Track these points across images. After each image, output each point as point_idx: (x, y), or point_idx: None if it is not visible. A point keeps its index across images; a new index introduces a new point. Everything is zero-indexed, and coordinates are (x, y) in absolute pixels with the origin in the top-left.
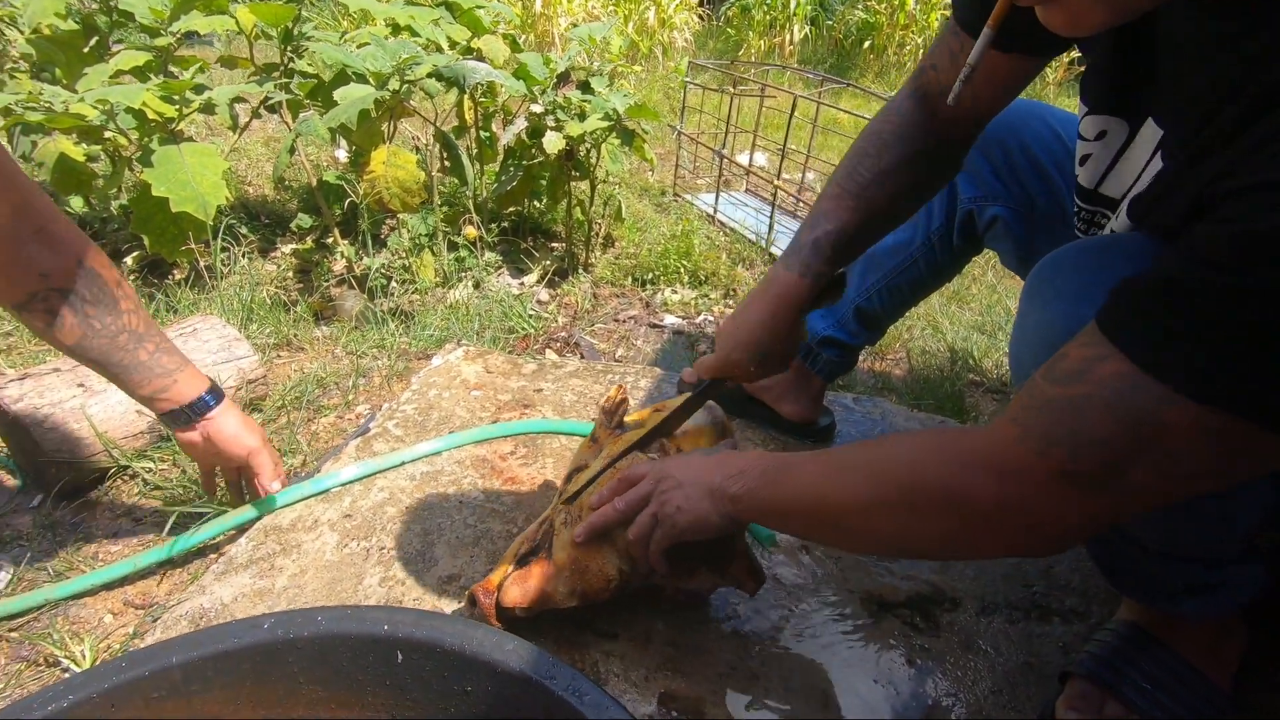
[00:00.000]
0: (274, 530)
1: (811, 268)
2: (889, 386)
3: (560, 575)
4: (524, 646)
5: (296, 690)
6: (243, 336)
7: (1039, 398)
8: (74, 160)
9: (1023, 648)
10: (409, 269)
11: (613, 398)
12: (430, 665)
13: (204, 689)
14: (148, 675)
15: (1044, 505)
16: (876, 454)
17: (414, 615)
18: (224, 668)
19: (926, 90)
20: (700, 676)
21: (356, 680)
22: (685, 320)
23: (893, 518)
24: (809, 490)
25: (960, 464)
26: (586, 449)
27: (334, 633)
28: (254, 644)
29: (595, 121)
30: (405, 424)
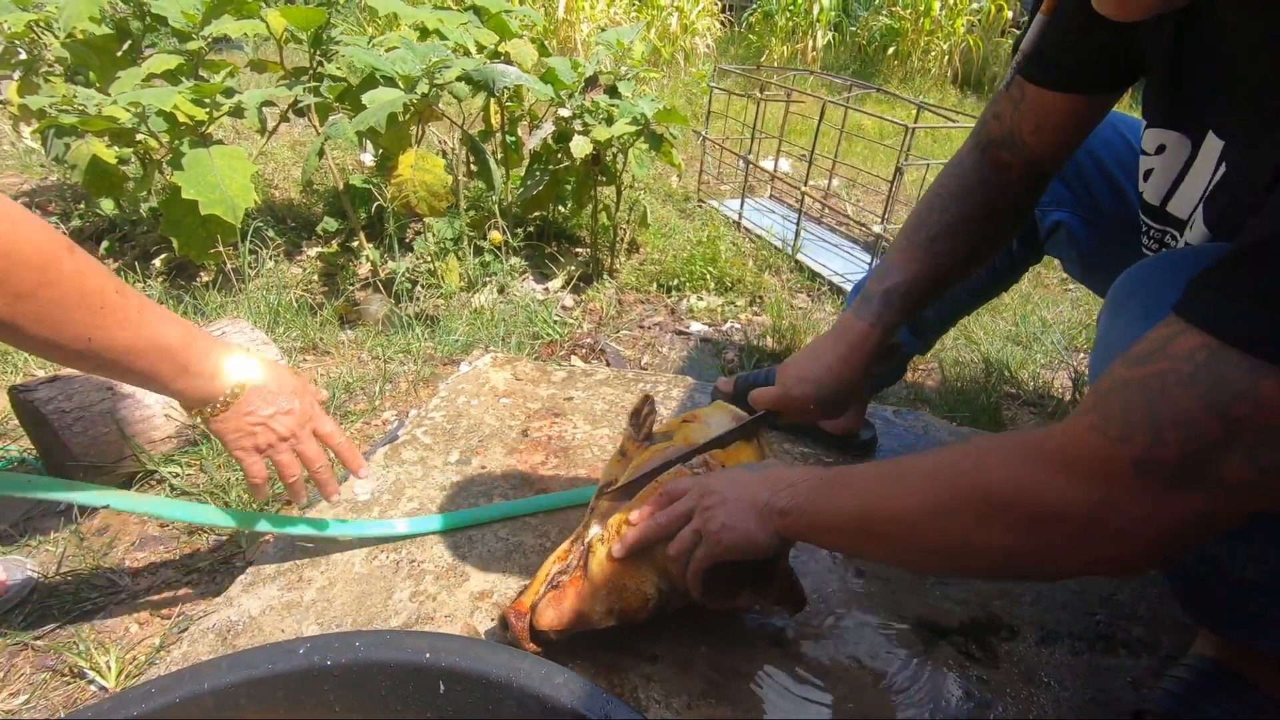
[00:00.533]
0: (302, 540)
1: (882, 318)
2: (922, 398)
3: (597, 594)
4: (575, 681)
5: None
6: (270, 340)
7: (1114, 382)
8: (106, 163)
9: (1088, 681)
10: (434, 273)
11: (639, 407)
12: (474, 697)
13: (236, 716)
14: (178, 702)
15: (1126, 505)
16: (938, 459)
17: (458, 643)
18: (257, 694)
19: (990, 141)
20: (746, 705)
21: (395, 710)
22: (711, 327)
23: (954, 526)
24: (863, 500)
25: (1029, 461)
26: (616, 464)
27: (373, 660)
28: (288, 670)
29: (623, 126)
30: (434, 432)
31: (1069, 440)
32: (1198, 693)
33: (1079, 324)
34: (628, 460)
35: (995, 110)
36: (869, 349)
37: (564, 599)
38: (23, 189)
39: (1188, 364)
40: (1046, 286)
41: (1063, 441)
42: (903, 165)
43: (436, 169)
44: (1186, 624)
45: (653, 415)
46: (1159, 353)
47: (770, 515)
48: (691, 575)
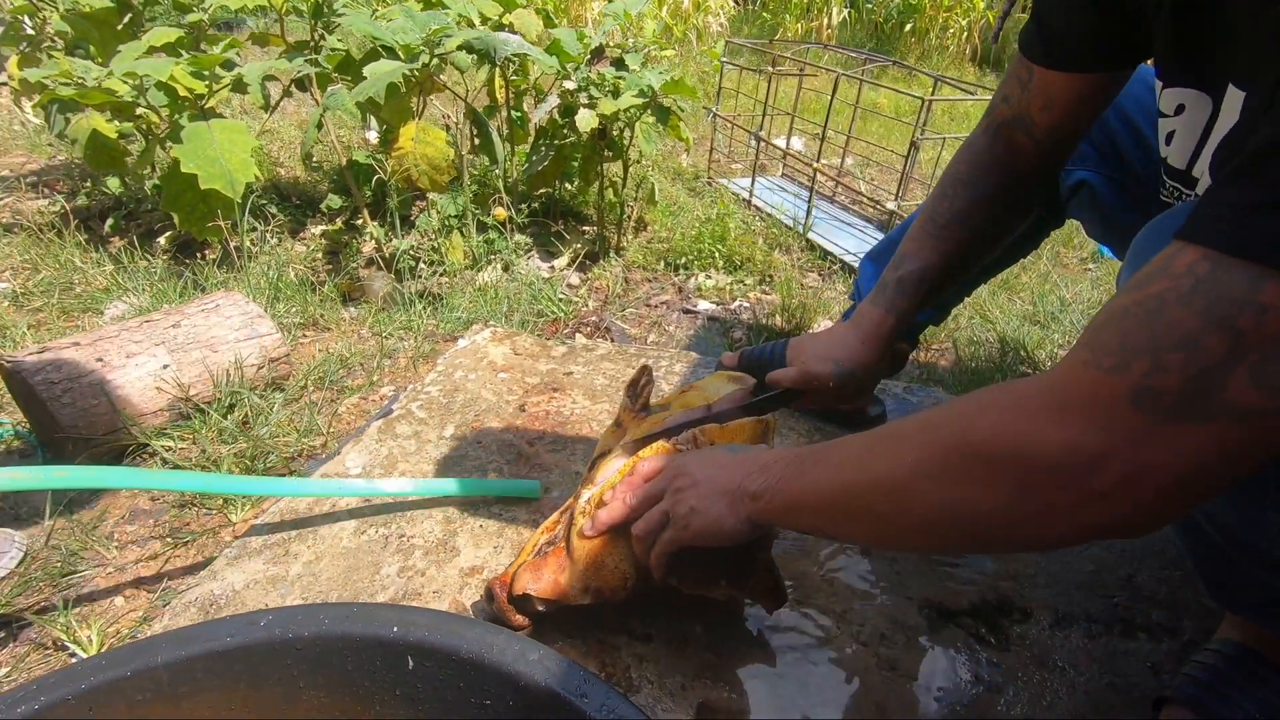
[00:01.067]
0: (290, 514)
1: (896, 305)
2: (935, 378)
3: (575, 569)
4: (551, 657)
5: (296, 695)
6: (266, 314)
7: (1110, 312)
8: (106, 137)
9: (1105, 666)
10: (438, 251)
11: (636, 377)
12: (445, 674)
13: (193, 691)
14: (130, 675)
15: (1126, 447)
16: (922, 418)
17: (429, 616)
18: (215, 668)
19: (1001, 123)
20: (742, 686)
21: (363, 686)
22: (719, 306)
23: (939, 489)
24: (841, 472)
25: (1017, 408)
26: (611, 435)
27: (338, 634)
28: (249, 643)
29: (630, 99)
30: (430, 406)
31: (1060, 381)
32: (1225, 680)
33: (1098, 303)
34: (622, 431)
35: (1004, 93)
36: (885, 334)
37: (543, 568)
38: (29, 168)
39: (1187, 279)
40: (1065, 266)
41: (1053, 383)
42: (918, 140)
43: (438, 142)
44: (1211, 608)
45: (650, 386)
46: (1157, 274)
47: (742, 499)
48: (655, 558)
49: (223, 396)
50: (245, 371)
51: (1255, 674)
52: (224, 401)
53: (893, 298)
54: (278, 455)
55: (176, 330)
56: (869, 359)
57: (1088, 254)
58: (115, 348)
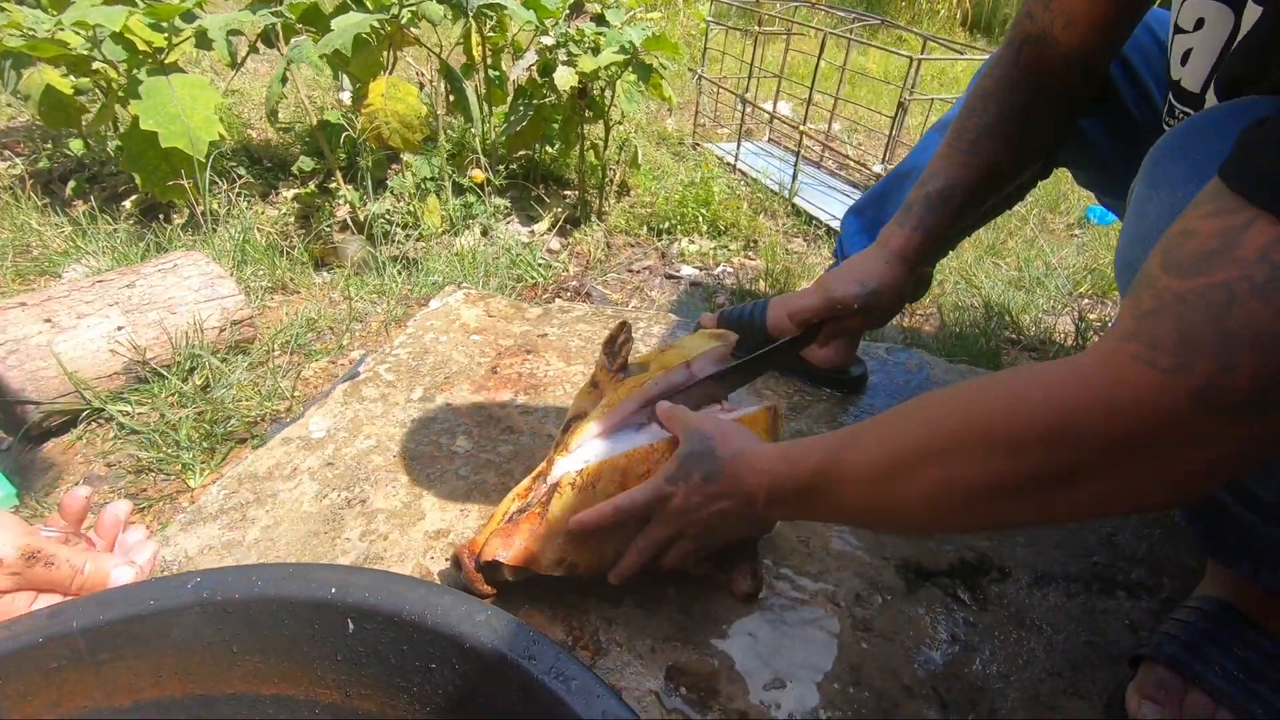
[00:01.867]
0: (249, 478)
1: (924, 221)
2: (919, 342)
3: (552, 538)
4: (499, 618)
5: (231, 662)
6: (227, 274)
7: (1161, 298)
8: (61, 93)
9: (1084, 625)
10: (414, 214)
11: (614, 334)
12: (388, 637)
13: (115, 658)
14: (42, 642)
15: (1181, 445)
16: (956, 394)
17: (369, 577)
18: (138, 634)
19: (1024, 39)
20: (714, 649)
21: (302, 651)
22: (703, 271)
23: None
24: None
25: (1066, 404)
26: (586, 396)
27: (273, 596)
28: (175, 607)
29: (610, 55)
30: (398, 369)
31: (1109, 376)
32: (1206, 638)
33: (1083, 268)
34: (599, 392)
35: (1028, 8)
36: (912, 253)
37: (515, 534)
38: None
39: (1263, 266)
40: (1052, 232)
41: (1101, 378)
42: (905, 101)
43: (410, 98)
44: (1191, 566)
45: (629, 344)
46: (1220, 256)
47: (759, 514)
48: (664, 563)
49: (182, 359)
50: (206, 334)
51: (1236, 631)
52: (183, 365)
53: (921, 215)
54: (239, 419)
55: (131, 290)
56: (895, 279)
57: (1074, 220)
58: (65, 308)
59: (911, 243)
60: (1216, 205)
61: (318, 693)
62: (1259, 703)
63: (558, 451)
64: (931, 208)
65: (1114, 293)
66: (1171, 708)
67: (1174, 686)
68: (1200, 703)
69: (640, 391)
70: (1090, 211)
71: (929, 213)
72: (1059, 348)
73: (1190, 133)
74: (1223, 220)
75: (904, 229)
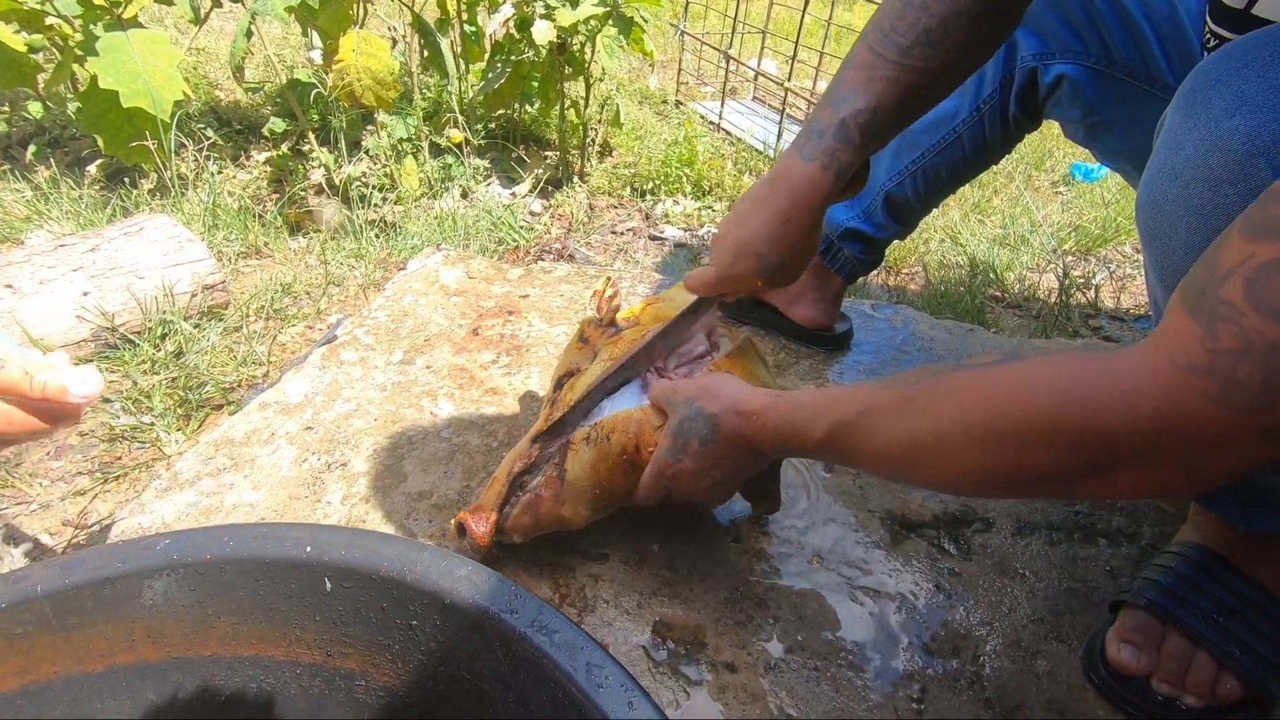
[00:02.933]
0: (225, 444)
1: (837, 157)
2: (904, 300)
3: (580, 497)
4: (480, 573)
5: (206, 624)
6: (196, 238)
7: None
8: (14, 50)
9: (1065, 572)
10: (391, 177)
11: (600, 290)
12: (367, 595)
13: (84, 623)
14: (4, 608)
15: (1235, 462)
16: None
17: (344, 535)
18: (108, 597)
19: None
20: (701, 603)
21: (279, 611)
22: (687, 232)
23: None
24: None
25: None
26: (576, 350)
27: (246, 556)
28: (145, 569)
29: (589, 8)
30: (377, 332)
31: (1173, 407)
32: (1185, 582)
33: (1068, 226)
34: (590, 347)
35: None
36: (817, 197)
37: (542, 504)
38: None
39: None
40: (1038, 189)
41: (1163, 405)
42: None
43: (382, 53)
44: (1169, 513)
45: (617, 297)
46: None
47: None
48: None
49: (153, 325)
50: (177, 299)
51: (1214, 574)
52: (155, 331)
53: (832, 147)
54: (214, 385)
55: (95, 255)
56: (796, 237)
57: (1059, 177)
58: (26, 274)
59: (821, 187)
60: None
61: (298, 653)
62: (1236, 644)
63: (555, 409)
64: (847, 139)
65: (1099, 249)
66: (1149, 651)
67: (1152, 630)
68: (1179, 645)
69: (638, 344)
70: (1075, 168)
71: (844, 145)
72: (1042, 304)
73: (1234, 58)
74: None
75: (810, 165)
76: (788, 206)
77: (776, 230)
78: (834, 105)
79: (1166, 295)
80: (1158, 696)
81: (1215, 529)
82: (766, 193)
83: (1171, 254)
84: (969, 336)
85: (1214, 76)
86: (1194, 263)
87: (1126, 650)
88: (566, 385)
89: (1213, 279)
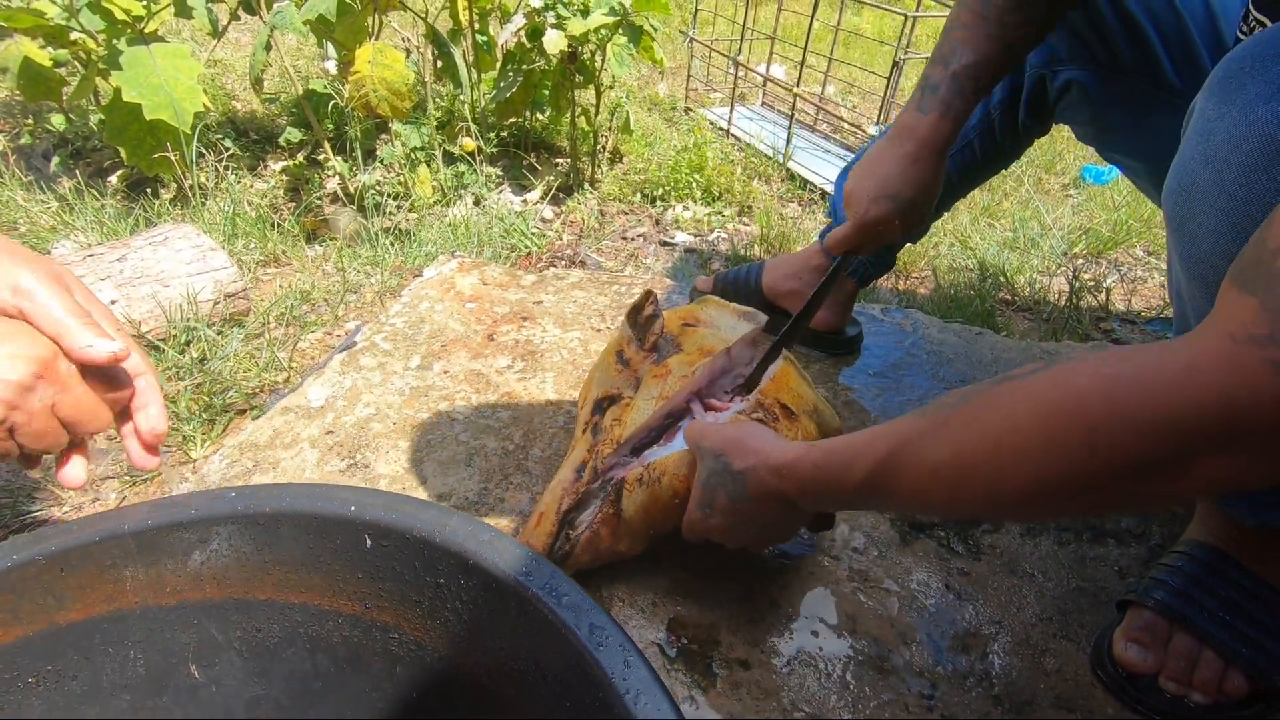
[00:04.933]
0: (250, 448)
1: (953, 106)
2: (914, 304)
3: (637, 535)
4: (501, 539)
5: (263, 570)
6: (219, 247)
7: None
8: (40, 65)
9: (1074, 572)
10: (405, 185)
11: (639, 304)
12: (401, 553)
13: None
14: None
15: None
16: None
17: (385, 498)
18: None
19: None
20: (714, 602)
21: (325, 564)
22: (697, 238)
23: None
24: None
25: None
26: (616, 373)
27: (300, 511)
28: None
29: (599, 17)
30: (395, 338)
31: (1239, 384)
32: (1192, 581)
33: (1078, 229)
34: (632, 371)
35: None
36: (941, 144)
37: (600, 543)
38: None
39: None
40: (1048, 192)
41: (1229, 382)
42: (901, 60)
43: (397, 64)
44: (1177, 514)
45: (658, 318)
46: None
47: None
48: None
49: (177, 332)
50: (200, 307)
51: (1222, 573)
52: (179, 338)
53: (948, 98)
54: (238, 390)
55: (122, 264)
56: (926, 178)
57: (1070, 180)
58: None
59: (941, 133)
60: None
61: (340, 604)
62: (1243, 641)
63: (604, 444)
64: (960, 91)
65: (1110, 251)
66: (1156, 650)
67: (1159, 629)
68: (1185, 644)
69: (689, 385)
70: (1085, 171)
71: (958, 96)
72: (1052, 307)
73: (1269, 45)
74: None
75: (930, 114)
76: (915, 149)
77: (907, 171)
78: (944, 61)
79: (1191, 284)
80: (1165, 694)
81: (1223, 527)
82: (891, 144)
83: (1200, 241)
84: (978, 340)
85: (1248, 64)
86: (1221, 250)
87: (1133, 649)
88: (610, 415)
89: (1265, 252)
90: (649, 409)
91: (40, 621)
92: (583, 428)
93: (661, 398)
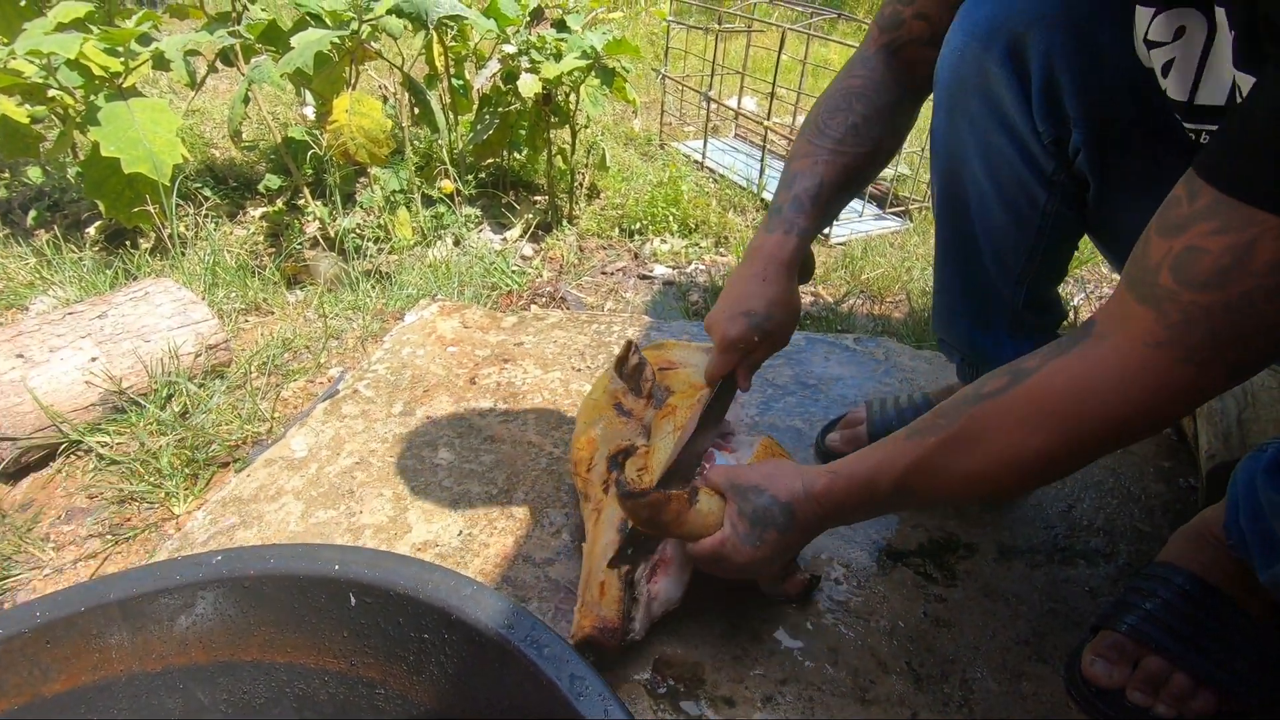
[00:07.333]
0: (234, 502)
1: (795, 224)
2: (889, 329)
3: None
4: (484, 593)
5: (249, 632)
6: (199, 299)
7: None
8: (17, 122)
9: (1047, 594)
10: (385, 228)
11: (623, 356)
12: (385, 610)
13: (147, 627)
14: (84, 610)
15: (1209, 395)
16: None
17: (368, 555)
18: (169, 605)
19: (903, 42)
20: (698, 640)
21: (310, 623)
22: (675, 270)
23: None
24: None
25: (1125, 396)
26: (621, 424)
27: (284, 572)
28: (199, 580)
29: (572, 61)
30: (377, 384)
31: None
32: (1171, 611)
33: None
34: (637, 420)
35: (919, 9)
36: (786, 259)
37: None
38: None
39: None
40: None
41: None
42: None
43: (374, 113)
44: (1144, 531)
45: (645, 365)
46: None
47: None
48: None
49: (159, 387)
50: (181, 360)
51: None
52: (161, 393)
53: (790, 217)
54: (221, 443)
55: (103, 321)
56: (777, 294)
57: None
58: (36, 342)
59: (786, 249)
60: (1220, 221)
61: (326, 661)
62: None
63: (608, 500)
64: (801, 208)
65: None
66: (1122, 666)
67: (1127, 649)
68: (1156, 665)
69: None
70: None
71: (799, 214)
72: None
73: None
74: (1231, 238)
75: (773, 234)
76: (762, 267)
77: (758, 289)
78: (787, 187)
79: None
80: (1131, 705)
81: (1202, 552)
82: (742, 267)
83: None
84: (948, 367)
85: None
86: None
87: (1099, 664)
88: (631, 467)
89: (1148, 271)
90: (669, 446)
91: (25, 694)
92: (602, 487)
93: (677, 429)
